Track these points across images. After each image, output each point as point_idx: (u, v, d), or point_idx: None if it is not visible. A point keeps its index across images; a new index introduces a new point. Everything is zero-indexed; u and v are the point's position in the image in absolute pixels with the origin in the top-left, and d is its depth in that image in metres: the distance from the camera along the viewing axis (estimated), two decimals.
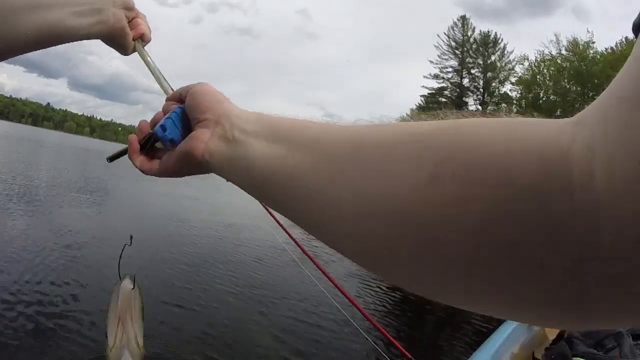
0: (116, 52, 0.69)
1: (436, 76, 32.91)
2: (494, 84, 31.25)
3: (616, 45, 24.96)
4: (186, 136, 0.39)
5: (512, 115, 0.23)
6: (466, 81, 32.20)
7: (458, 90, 32.07)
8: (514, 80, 30.27)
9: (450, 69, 32.73)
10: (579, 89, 26.06)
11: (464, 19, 32.50)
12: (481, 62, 31.72)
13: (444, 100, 31.46)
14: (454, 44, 32.52)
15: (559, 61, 27.28)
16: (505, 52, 31.18)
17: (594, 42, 25.88)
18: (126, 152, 0.48)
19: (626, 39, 24.02)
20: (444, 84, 32.75)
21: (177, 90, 0.44)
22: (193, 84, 0.43)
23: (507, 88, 30.87)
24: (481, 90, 31.65)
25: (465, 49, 32.02)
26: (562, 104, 25.78)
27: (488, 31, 32.03)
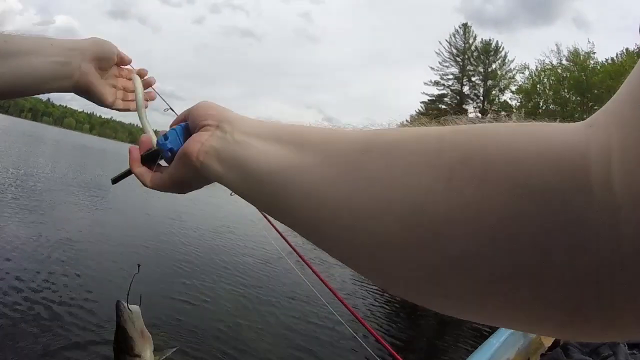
0: (118, 48, 0.66)
1: (437, 83, 33.05)
2: (494, 92, 31.38)
3: (617, 56, 25.11)
4: None
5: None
6: (466, 89, 32.35)
7: (458, 97, 32.17)
8: (514, 88, 30.43)
9: (450, 76, 32.89)
10: (578, 98, 26.16)
11: (465, 26, 32.69)
12: (482, 70, 31.86)
13: (443, 107, 31.52)
14: (455, 51, 32.69)
15: (559, 71, 27.39)
16: (506, 60, 31.36)
17: (594, 53, 26.03)
18: (130, 173, 0.47)
19: (627, 50, 24.19)
20: (444, 91, 32.90)
21: (182, 113, 0.43)
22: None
23: (507, 96, 31.00)
24: (481, 98, 31.75)
25: (467, 56, 32.15)
26: (561, 113, 25.81)
27: (489, 39, 32.25)
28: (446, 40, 32.93)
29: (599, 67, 25.54)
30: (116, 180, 0.55)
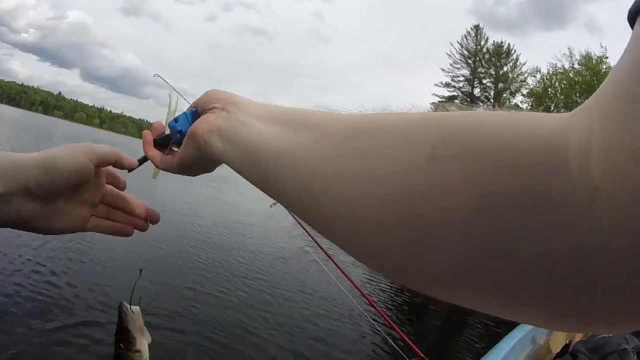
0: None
1: (447, 84, 32.84)
2: (505, 95, 31.09)
3: None
4: None
5: None
6: (477, 91, 32.09)
7: (469, 99, 31.90)
8: (525, 92, 30.09)
9: (462, 78, 32.62)
10: None
11: (477, 28, 32.43)
12: (493, 72, 31.58)
13: (453, 109, 31.25)
14: (466, 53, 32.44)
15: (571, 75, 27.07)
16: (518, 63, 31.04)
17: (607, 57, 25.63)
18: (145, 159, 0.49)
19: None
20: (455, 93, 32.63)
21: (193, 102, 0.45)
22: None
23: (518, 99, 30.66)
24: (492, 100, 31.48)
25: (478, 58, 31.90)
26: None
27: (501, 42, 31.93)
28: (458, 42, 32.75)
29: (611, 72, 25.11)
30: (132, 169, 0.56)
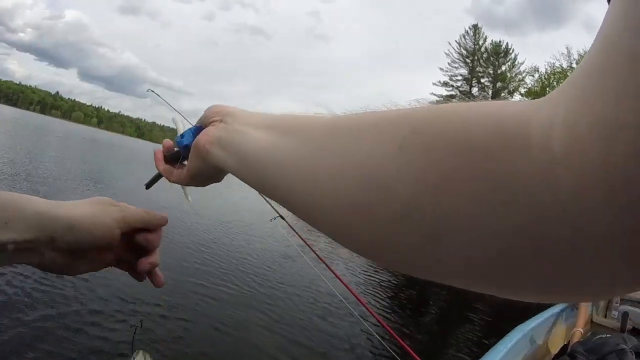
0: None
1: (445, 84, 32.91)
2: (503, 94, 31.15)
3: None
4: None
5: None
6: (475, 90, 32.14)
7: (467, 99, 31.90)
8: (523, 91, 30.19)
9: (460, 77, 32.73)
10: None
11: (476, 27, 32.49)
12: (491, 71, 31.67)
13: None
14: (464, 52, 32.53)
15: (569, 74, 26.95)
16: (516, 62, 31.12)
17: None
18: (160, 176, 0.53)
19: None
20: (453, 92, 32.71)
21: (198, 120, 0.49)
22: None
23: (516, 99, 30.49)
24: (490, 99, 31.46)
25: (476, 57, 31.97)
26: None
27: (500, 41, 32.01)
28: (456, 41, 32.81)
29: None
30: (149, 185, 0.58)
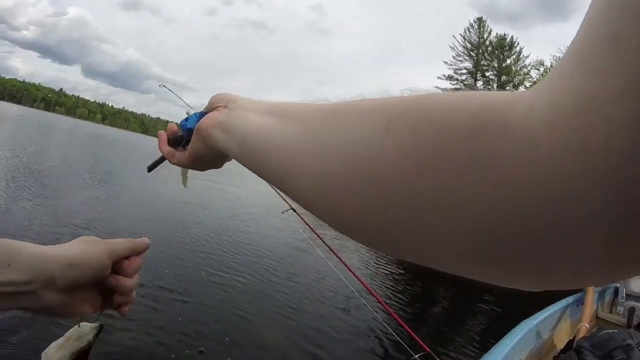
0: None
1: (450, 77, 32.66)
2: (508, 87, 30.85)
3: None
4: None
5: None
6: (480, 84, 31.90)
7: None
8: (528, 84, 29.90)
9: (464, 71, 32.45)
10: None
11: (480, 20, 32.18)
12: (496, 65, 31.40)
13: None
14: (469, 45, 32.24)
15: None
16: (521, 56, 30.83)
17: None
18: (163, 159, 0.54)
19: None
20: (457, 86, 32.43)
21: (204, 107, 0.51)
22: None
23: None
24: None
25: (481, 51, 31.69)
26: None
27: (504, 34, 31.70)
28: (460, 35, 32.53)
29: None
30: (151, 168, 0.59)
